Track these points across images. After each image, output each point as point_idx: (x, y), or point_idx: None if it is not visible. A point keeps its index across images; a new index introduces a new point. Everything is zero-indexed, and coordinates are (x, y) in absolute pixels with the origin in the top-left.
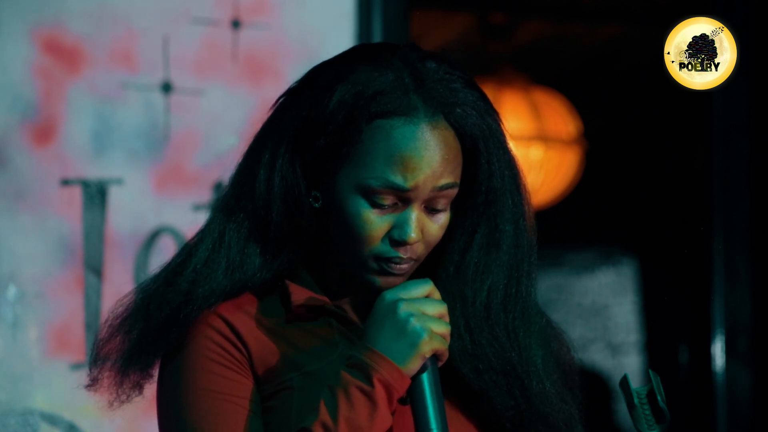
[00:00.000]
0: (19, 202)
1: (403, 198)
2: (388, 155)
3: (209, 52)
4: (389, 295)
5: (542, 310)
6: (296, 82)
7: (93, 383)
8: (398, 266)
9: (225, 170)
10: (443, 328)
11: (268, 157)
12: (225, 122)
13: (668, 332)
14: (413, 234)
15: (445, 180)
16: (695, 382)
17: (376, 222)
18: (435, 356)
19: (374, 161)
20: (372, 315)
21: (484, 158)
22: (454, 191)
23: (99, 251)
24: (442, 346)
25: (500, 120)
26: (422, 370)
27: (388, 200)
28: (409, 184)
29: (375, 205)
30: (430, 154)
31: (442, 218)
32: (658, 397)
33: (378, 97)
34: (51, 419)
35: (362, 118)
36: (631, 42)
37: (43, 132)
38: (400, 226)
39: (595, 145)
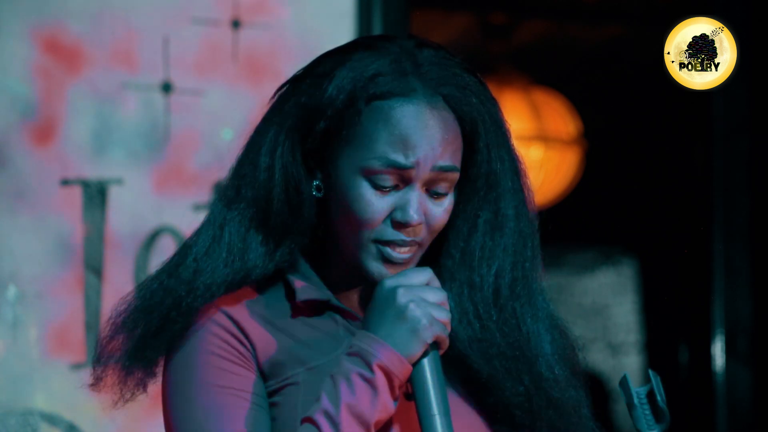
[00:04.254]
0: (19, 202)
1: (405, 178)
2: (388, 135)
3: (209, 52)
4: (389, 282)
5: (548, 299)
6: (296, 72)
7: (96, 382)
8: (400, 250)
9: (225, 170)
10: (444, 315)
11: (268, 146)
12: (225, 122)
13: (668, 332)
14: (415, 215)
15: (445, 161)
16: (695, 382)
17: (378, 204)
18: (436, 344)
19: (374, 142)
20: (372, 302)
21: (483, 142)
22: (455, 175)
23: (99, 251)
24: (442, 333)
25: (499, 107)
26: (423, 357)
27: (389, 181)
28: (410, 161)
29: (377, 186)
30: (430, 133)
31: (446, 202)
32: (658, 397)
33: (376, 78)
34: (51, 419)
35: (361, 100)
36: (631, 42)
37: (43, 132)
38: (402, 207)
39: (595, 145)
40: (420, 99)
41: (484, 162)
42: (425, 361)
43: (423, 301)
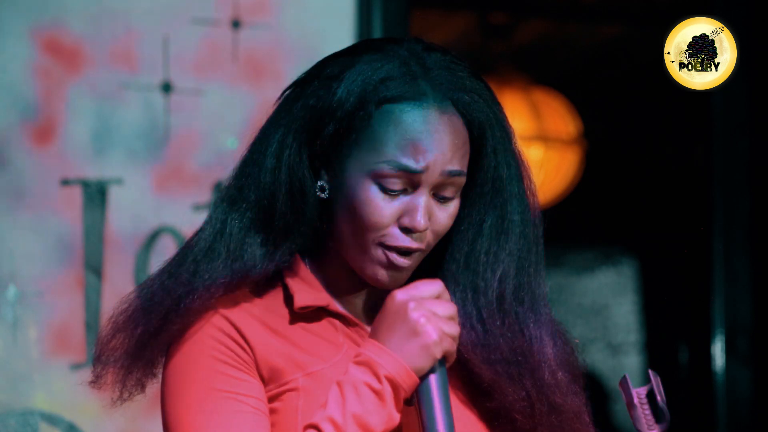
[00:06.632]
0: (19, 202)
1: (414, 182)
2: (399, 139)
3: (209, 52)
4: (400, 295)
5: (549, 304)
6: (302, 74)
7: (96, 381)
8: (403, 258)
9: (225, 170)
10: (453, 330)
11: (274, 148)
12: (225, 122)
13: (668, 332)
14: (422, 221)
15: (453, 166)
16: (695, 382)
17: (386, 208)
18: (443, 358)
19: (384, 146)
20: (382, 313)
21: (491, 147)
22: (461, 180)
23: (99, 251)
24: (451, 348)
25: (504, 111)
26: (430, 371)
27: (398, 185)
28: (421, 165)
29: (385, 190)
30: (440, 137)
31: (452, 207)
32: (658, 397)
33: (386, 82)
34: (51, 419)
35: (371, 103)
36: (631, 42)
37: (43, 132)
38: (409, 212)
39: (595, 145)
40: (430, 103)
41: (491, 167)
42: (432, 376)
43: (434, 315)
